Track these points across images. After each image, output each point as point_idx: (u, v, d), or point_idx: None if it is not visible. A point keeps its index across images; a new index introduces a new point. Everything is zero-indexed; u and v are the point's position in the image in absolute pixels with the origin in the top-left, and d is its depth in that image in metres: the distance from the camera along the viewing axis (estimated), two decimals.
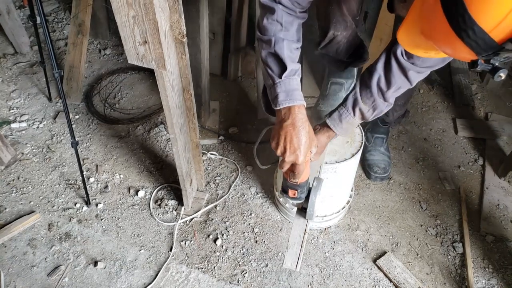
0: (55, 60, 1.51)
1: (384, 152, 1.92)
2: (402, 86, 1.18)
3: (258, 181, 1.90)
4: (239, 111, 2.23)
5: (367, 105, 1.25)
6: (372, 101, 1.24)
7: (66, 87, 2.22)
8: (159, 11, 0.99)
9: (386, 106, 1.24)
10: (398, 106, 1.81)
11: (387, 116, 1.86)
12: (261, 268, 1.61)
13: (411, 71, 1.12)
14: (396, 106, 1.81)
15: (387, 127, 1.92)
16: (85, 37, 2.15)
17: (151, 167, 1.95)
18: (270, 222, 1.75)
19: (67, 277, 1.57)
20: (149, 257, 1.64)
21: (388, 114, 1.85)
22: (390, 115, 1.85)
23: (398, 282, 1.55)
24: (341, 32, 1.47)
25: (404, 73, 1.14)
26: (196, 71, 1.78)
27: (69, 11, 2.80)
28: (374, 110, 1.25)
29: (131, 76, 2.42)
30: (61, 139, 2.07)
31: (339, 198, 1.65)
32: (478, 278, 1.58)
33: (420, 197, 1.85)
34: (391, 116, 1.85)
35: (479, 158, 2.00)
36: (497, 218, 1.76)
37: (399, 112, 1.85)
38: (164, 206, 1.79)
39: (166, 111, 1.30)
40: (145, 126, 2.14)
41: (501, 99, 2.31)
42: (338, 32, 1.46)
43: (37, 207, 1.79)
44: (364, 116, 1.28)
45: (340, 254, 1.65)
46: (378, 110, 1.25)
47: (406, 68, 1.12)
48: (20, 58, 2.51)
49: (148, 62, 1.11)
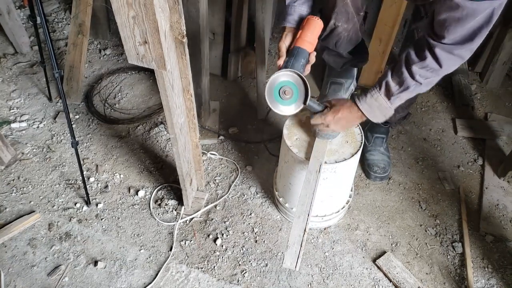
0: (55, 60, 1.51)
1: (383, 152, 1.92)
2: (429, 65, 1.14)
3: (258, 181, 1.90)
4: (239, 111, 2.23)
5: (394, 80, 1.23)
6: (399, 75, 1.21)
7: (66, 87, 2.23)
8: (159, 11, 1.00)
9: (414, 85, 1.19)
10: (400, 108, 1.80)
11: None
12: (261, 267, 1.61)
13: (437, 48, 1.10)
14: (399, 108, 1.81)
15: (387, 127, 1.92)
16: (85, 37, 2.15)
17: (151, 167, 1.96)
18: (270, 222, 1.75)
19: (67, 277, 1.57)
20: (149, 256, 1.64)
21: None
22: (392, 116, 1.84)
23: (397, 281, 1.55)
24: (341, 24, 1.46)
25: (431, 51, 1.11)
26: (196, 71, 1.78)
27: (69, 11, 2.80)
28: (400, 86, 1.22)
29: (131, 76, 2.43)
30: (61, 139, 2.07)
31: (338, 198, 1.65)
32: (478, 278, 1.59)
33: (419, 197, 1.85)
34: (393, 117, 1.85)
35: (479, 158, 2.00)
36: (496, 218, 1.76)
37: (401, 113, 1.84)
38: (164, 206, 1.79)
39: (166, 111, 1.30)
40: (145, 126, 2.14)
41: (501, 99, 2.31)
42: (339, 23, 1.46)
43: (37, 207, 1.79)
44: (390, 91, 1.24)
45: (340, 254, 1.66)
46: (404, 86, 1.21)
47: (432, 45, 1.10)
48: (20, 58, 2.51)
49: (148, 62, 1.11)
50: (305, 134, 1.52)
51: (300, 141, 1.50)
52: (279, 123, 2.15)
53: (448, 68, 1.13)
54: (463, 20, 0.99)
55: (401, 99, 1.26)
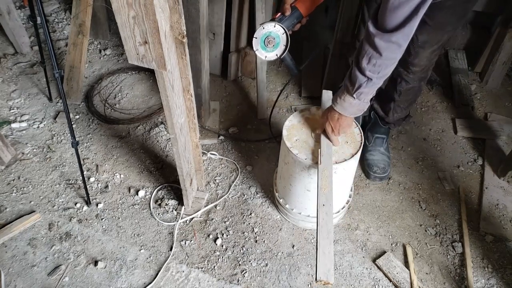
0: (55, 60, 1.51)
1: (384, 152, 1.92)
2: (373, 56, 1.20)
3: (258, 181, 1.90)
4: (239, 111, 2.23)
5: (349, 79, 1.30)
6: (352, 74, 1.28)
7: (67, 87, 2.23)
8: (159, 12, 1.00)
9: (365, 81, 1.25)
10: (399, 108, 1.82)
11: (387, 116, 1.86)
12: (261, 267, 1.61)
13: (376, 37, 1.16)
14: (397, 108, 1.82)
15: (388, 127, 1.92)
16: (85, 37, 2.15)
17: (151, 167, 1.96)
18: (270, 222, 1.76)
19: (68, 277, 1.58)
20: (149, 256, 1.64)
21: (388, 114, 1.85)
22: (390, 116, 1.85)
23: (397, 281, 1.55)
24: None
25: (370, 40, 1.18)
26: (196, 71, 1.78)
27: (69, 11, 2.80)
28: (354, 84, 1.28)
29: (131, 76, 2.43)
30: (61, 139, 2.07)
31: (338, 198, 1.65)
32: (478, 277, 1.59)
33: (419, 197, 1.85)
34: (391, 117, 1.86)
35: (479, 158, 2.00)
36: (496, 218, 1.76)
37: (400, 114, 1.85)
38: (164, 206, 1.79)
39: (166, 111, 1.30)
40: (146, 126, 2.14)
41: (500, 99, 2.31)
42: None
43: (38, 207, 1.79)
44: (349, 90, 1.31)
45: (340, 254, 1.66)
46: (358, 83, 1.27)
47: (372, 34, 1.17)
48: (20, 58, 2.51)
49: (149, 63, 1.11)
50: (305, 135, 1.53)
51: (300, 142, 1.50)
52: (279, 123, 2.16)
53: (388, 55, 1.19)
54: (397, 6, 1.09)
55: (366, 94, 1.31)
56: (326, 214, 1.24)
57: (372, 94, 1.32)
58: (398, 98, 1.77)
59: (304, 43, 2.56)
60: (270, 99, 2.28)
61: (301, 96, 2.31)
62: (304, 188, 1.54)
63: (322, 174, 1.35)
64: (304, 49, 2.53)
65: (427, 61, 1.61)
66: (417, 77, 1.68)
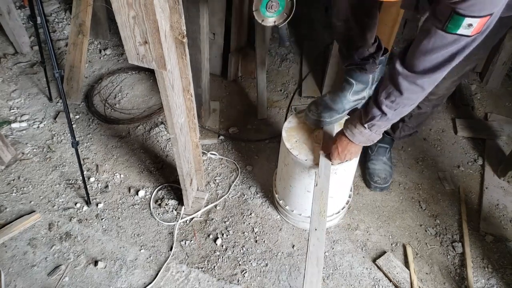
0: (55, 60, 1.51)
1: (386, 162, 1.88)
2: (392, 93, 1.16)
3: (257, 181, 1.90)
4: (239, 111, 2.23)
5: (365, 110, 1.26)
6: (368, 105, 1.24)
7: (67, 87, 2.23)
8: (160, 12, 1.00)
9: (380, 115, 1.22)
10: (407, 127, 1.78)
11: (394, 133, 1.83)
12: (261, 267, 1.61)
13: (401, 76, 1.11)
14: (406, 127, 1.78)
15: (391, 137, 1.88)
16: (85, 37, 2.15)
17: (151, 167, 1.96)
18: (270, 222, 1.75)
19: (68, 277, 1.58)
20: (149, 256, 1.64)
21: (395, 132, 1.82)
22: (397, 133, 1.82)
23: (397, 281, 1.55)
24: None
25: (394, 77, 1.13)
26: (196, 71, 1.78)
27: (69, 11, 2.80)
28: (367, 116, 1.25)
29: (131, 76, 2.43)
30: (61, 139, 2.07)
31: (338, 199, 1.65)
32: (478, 277, 1.59)
33: (419, 197, 1.85)
34: (398, 134, 1.82)
35: (479, 158, 2.00)
36: (496, 218, 1.76)
37: (407, 132, 1.82)
38: (164, 206, 1.79)
39: (167, 111, 1.30)
40: (146, 126, 2.14)
41: (501, 99, 2.31)
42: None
43: (38, 206, 1.79)
44: (362, 121, 1.27)
45: (340, 254, 1.66)
46: (371, 115, 1.24)
47: (397, 72, 1.12)
48: (20, 58, 2.51)
49: (149, 62, 1.11)
50: (304, 136, 1.52)
51: (299, 143, 1.50)
52: (279, 123, 2.16)
53: (409, 96, 1.15)
54: (431, 50, 1.02)
55: (378, 127, 1.27)
56: (318, 240, 1.22)
57: (385, 127, 1.28)
58: (407, 120, 1.73)
59: (304, 43, 2.56)
60: (270, 99, 2.28)
61: (301, 96, 2.31)
62: (305, 189, 1.54)
63: (318, 197, 1.32)
64: (304, 49, 2.53)
65: (445, 91, 1.56)
66: (431, 104, 1.63)
